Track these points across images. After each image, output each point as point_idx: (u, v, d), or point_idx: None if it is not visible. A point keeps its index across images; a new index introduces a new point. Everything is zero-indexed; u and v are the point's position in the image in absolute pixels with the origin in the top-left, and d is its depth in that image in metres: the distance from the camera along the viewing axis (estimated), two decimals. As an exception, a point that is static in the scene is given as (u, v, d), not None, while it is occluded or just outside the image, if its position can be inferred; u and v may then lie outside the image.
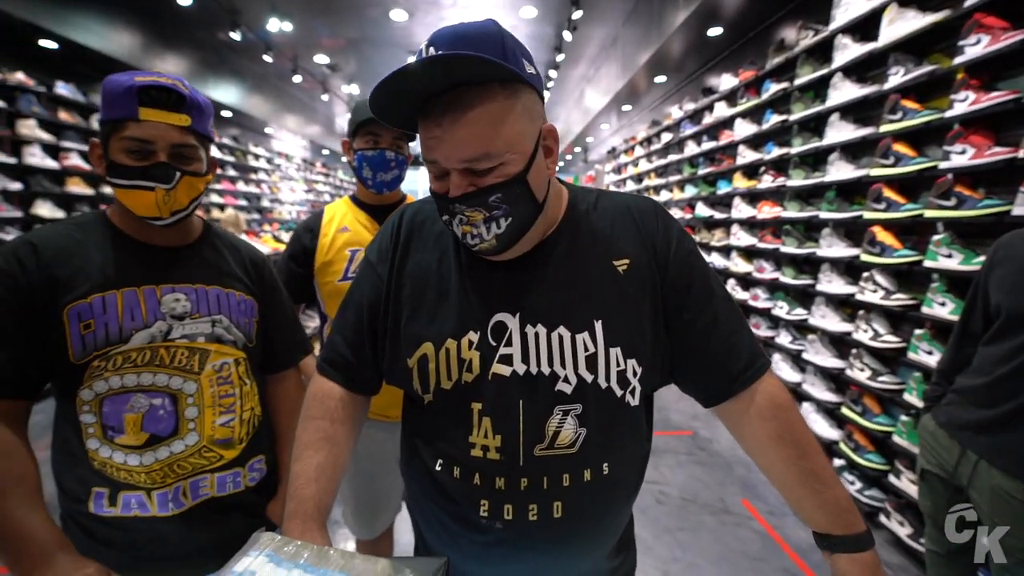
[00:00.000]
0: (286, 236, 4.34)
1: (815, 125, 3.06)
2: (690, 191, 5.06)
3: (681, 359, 0.77)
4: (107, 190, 5.17)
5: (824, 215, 2.87)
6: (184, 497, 0.93)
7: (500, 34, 0.65)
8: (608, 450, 0.73)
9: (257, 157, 9.05)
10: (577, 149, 12.87)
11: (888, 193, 2.40)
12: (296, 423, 0.83)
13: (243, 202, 8.44)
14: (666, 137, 5.87)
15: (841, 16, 2.70)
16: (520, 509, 0.70)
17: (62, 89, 4.76)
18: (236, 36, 5.80)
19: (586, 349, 0.71)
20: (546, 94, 8.92)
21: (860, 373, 2.60)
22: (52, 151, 4.60)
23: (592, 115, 8.47)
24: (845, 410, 2.69)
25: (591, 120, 8.76)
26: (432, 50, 0.62)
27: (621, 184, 8.00)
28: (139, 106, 0.86)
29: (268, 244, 3.59)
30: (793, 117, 3.18)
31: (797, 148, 3.14)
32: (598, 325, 0.72)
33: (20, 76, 4.30)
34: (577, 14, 5.11)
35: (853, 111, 2.73)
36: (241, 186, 8.42)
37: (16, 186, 4.21)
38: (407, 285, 0.77)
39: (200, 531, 0.93)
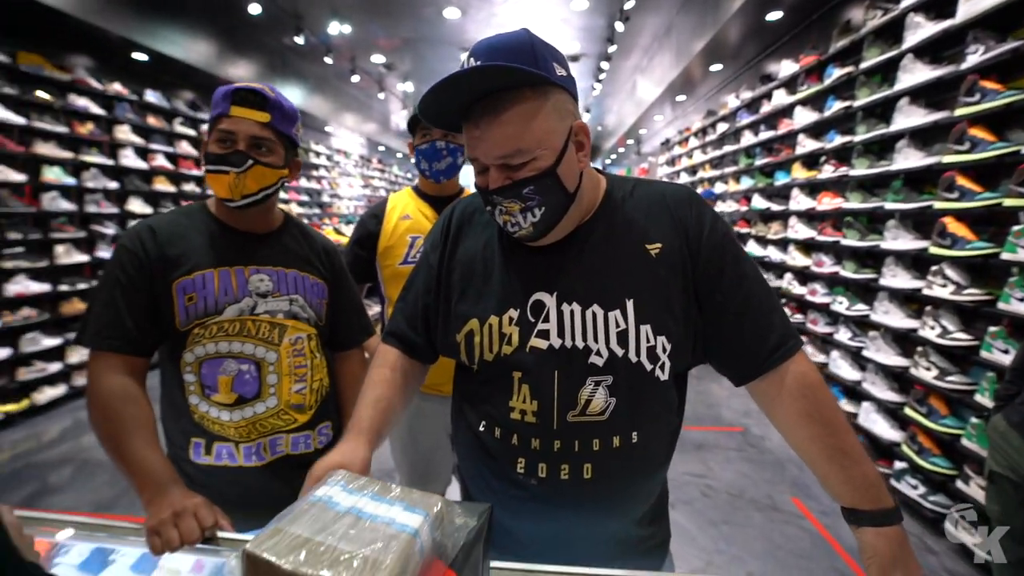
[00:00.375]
0: (346, 229, 4.58)
1: (882, 111, 2.90)
2: (746, 183, 4.89)
3: (714, 339, 0.81)
4: (187, 187, 5.64)
5: (890, 206, 2.72)
6: (265, 452, 1.07)
7: (531, 42, 0.72)
8: (637, 420, 0.78)
9: (318, 155, 9.52)
10: (630, 141, 12.64)
11: (962, 181, 2.26)
12: (350, 402, 0.94)
13: (305, 198, 8.92)
14: (722, 127, 5.69)
15: (912, -7, 2.55)
16: (553, 468, 0.77)
17: (151, 96, 5.23)
18: (300, 40, 6.14)
19: (617, 325, 0.76)
20: (597, 86, 8.84)
21: (926, 372, 2.47)
22: (142, 153, 5.07)
23: (645, 106, 8.31)
24: (908, 411, 2.55)
25: (644, 112, 8.59)
26: (472, 61, 0.70)
27: (675, 176, 7.82)
28: (231, 104, 1.01)
29: (329, 236, 3.84)
30: (857, 103, 3.03)
31: (861, 136, 2.99)
32: (629, 304, 0.77)
33: (117, 86, 4.77)
34: (629, 4, 5.04)
35: (924, 94, 2.57)
36: (303, 183, 8.89)
37: (113, 185, 4.68)
38: (457, 270, 0.86)
39: (277, 483, 1.06)
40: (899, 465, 2.62)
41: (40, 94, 4.04)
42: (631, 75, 8.74)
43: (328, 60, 6.96)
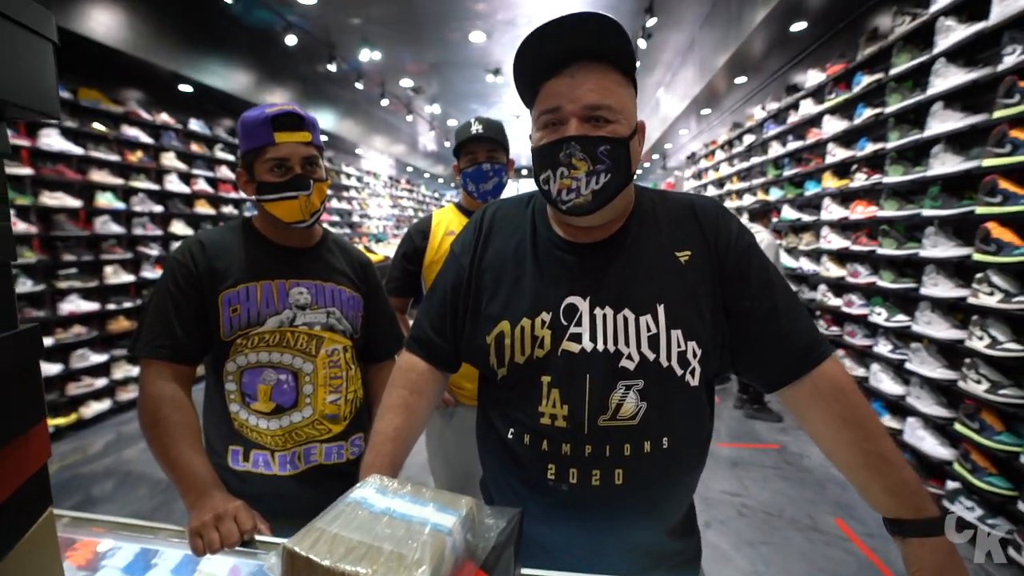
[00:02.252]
0: (375, 247, 4.69)
1: (914, 116, 2.83)
2: (775, 194, 4.81)
3: (743, 345, 0.80)
4: (225, 209, 5.89)
5: (927, 212, 2.63)
6: (299, 461, 1.10)
7: (620, 26, 0.75)
8: (668, 425, 0.77)
9: (348, 176, 9.82)
10: (655, 156, 12.60)
11: (1005, 184, 2.17)
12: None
13: (336, 218, 9.19)
14: (748, 139, 5.63)
15: (942, -3, 2.50)
16: (584, 474, 0.76)
17: (194, 125, 5.52)
18: (332, 67, 6.40)
19: (649, 330, 0.77)
20: (621, 103, 8.88)
21: (976, 385, 2.35)
22: (184, 178, 5.34)
23: (670, 121, 8.29)
24: (959, 426, 2.43)
25: (669, 126, 8.57)
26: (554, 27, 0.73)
27: (702, 190, 7.74)
28: (274, 131, 1.04)
29: (359, 254, 3.96)
30: (889, 109, 2.96)
31: (894, 142, 2.92)
32: (660, 308, 0.77)
33: (164, 116, 5.06)
34: (651, 21, 5.08)
35: (959, 98, 2.50)
36: (334, 203, 9.17)
37: (158, 208, 4.93)
38: (487, 272, 0.87)
39: (309, 491, 1.09)
40: (952, 485, 2.48)
41: (96, 126, 4.32)
42: (654, 91, 8.76)
43: (359, 85, 7.23)
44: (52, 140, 3.90)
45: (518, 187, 16.65)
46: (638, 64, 6.62)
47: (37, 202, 3.80)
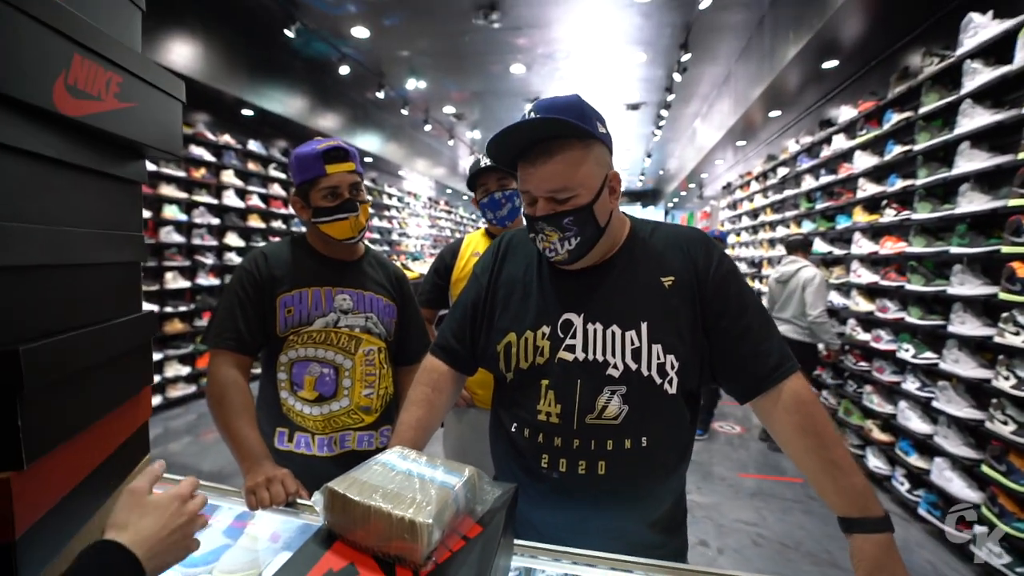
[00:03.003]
0: (412, 264, 4.94)
1: (943, 154, 2.85)
2: (807, 226, 4.80)
3: (720, 360, 0.92)
4: (275, 224, 6.30)
5: (955, 250, 2.63)
6: (335, 445, 1.27)
7: (580, 104, 0.89)
8: (646, 426, 0.89)
9: (390, 196, 10.27)
10: (691, 185, 12.61)
11: (1030, 225, 2.18)
12: None
13: (376, 236, 9.60)
14: (782, 171, 5.65)
15: (969, 41, 2.55)
16: (572, 464, 0.89)
17: (252, 145, 5.99)
18: (380, 95, 6.83)
19: (632, 343, 0.89)
20: (658, 132, 9.03)
21: (1003, 426, 2.31)
22: (240, 193, 5.78)
23: (705, 151, 8.36)
24: (986, 468, 2.38)
25: (704, 156, 8.64)
26: (532, 114, 0.88)
27: (736, 220, 7.73)
28: (325, 164, 1.23)
29: (396, 270, 4.20)
30: (918, 147, 2.99)
31: (923, 179, 2.94)
32: (644, 325, 0.90)
33: (226, 137, 5.54)
34: (686, 57, 5.24)
35: (987, 138, 2.52)
36: (375, 222, 9.59)
37: (215, 221, 5.36)
38: (501, 289, 1.02)
39: (340, 472, 1.24)
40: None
41: (167, 145, 4.78)
42: (691, 121, 8.87)
43: (404, 111, 7.66)
44: (131, 157, 4.35)
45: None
46: (672, 97, 6.75)
47: (114, 212, 4.23)
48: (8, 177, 0.58)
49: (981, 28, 2.48)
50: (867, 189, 3.62)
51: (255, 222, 5.94)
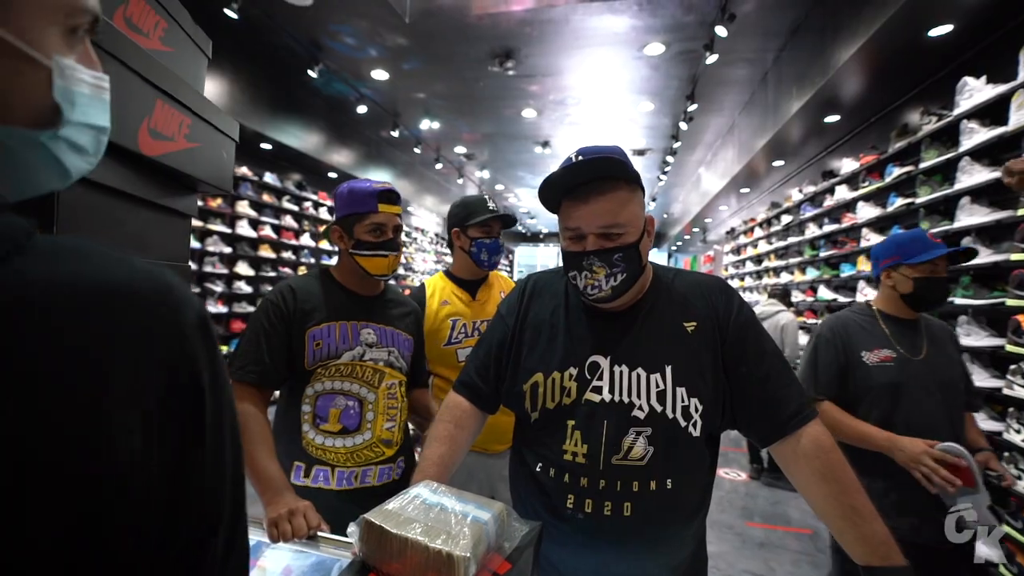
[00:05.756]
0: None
1: (944, 208, 2.93)
2: (812, 273, 4.86)
3: (740, 406, 0.94)
4: (285, 254, 6.39)
5: (960, 301, 2.67)
6: (355, 480, 1.27)
7: (623, 152, 0.94)
8: (671, 468, 0.90)
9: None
10: (695, 229, 12.79)
11: (1033, 280, 2.23)
12: (430, 418, 1.19)
13: (383, 269, 9.70)
14: (786, 219, 5.76)
15: (965, 103, 2.67)
16: (598, 504, 0.90)
17: (268, 178, 6.15)
18: (395, 133, 7.06)
19: (657, 386, 0.92)
20: (663, 177, 9.24)
21: (1018, 481, 2.28)
22: (253, 224, 5.90)
23: (710, 197, 8.54)
24: (1007, 528, 2.33)
25: (709, 201, 8.81)
26: (580, 158, 0.91)
27: (740, 265, 7.81)
28: (378, 203, 1.30)
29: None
30: (919, 200, 3.08)
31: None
32: (668, 368, 0.93)
33: (244, 169, 5.70)
34: (692, 107, 5.44)
35: (986, 194, 2.60)
36: (383, 255, 9.71)
37: (227, 250, 5.44)
38: (528, 330, 1.05)
39: (362, 508, 1.24)
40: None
41: (187, 175, 4.92)
42: (696, 168, 9.10)
43: (417, 150, 7.89)
44: (151, 186, 4.47)
45: (535, 251, 20.05)
46: (678, 144, 6.96)
47: (130, 238, 4.31)
48: (86, 209, 0.63)
49: (976, 91, 2.61)
50: (870, 239, 3.70)
51: (266, 252, 6.03)
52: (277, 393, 1.35)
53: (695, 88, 5.27)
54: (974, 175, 2.60)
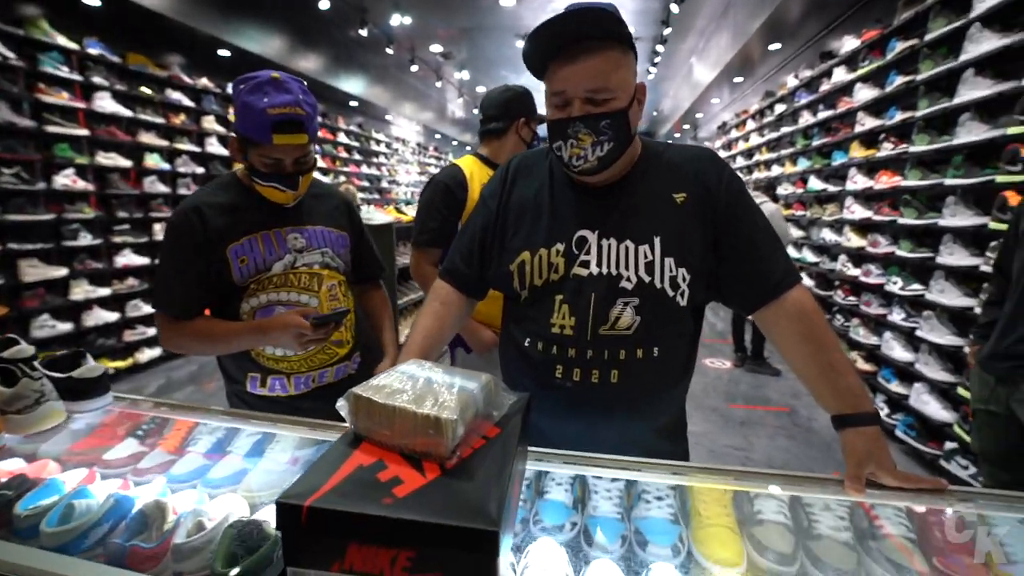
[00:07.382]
0: (405, 208, 4.87)
1: (946, 84, 2.80)
2: (803, 164, 4.77)
3: (728, 274, 0.94)
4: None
5: (949, 182, 2.65)
6: (313, 382, 1.27)
7: (618, 12, 0.85)
8: (657, 337, 0.92)
9: (378, 142, 9.97)
10: (686, 126, 12.36)
11: (1026, 153, 2.19)
12: (384, 322, 1.34)
13: (365, 183, 9.40)
14: (780, 108, 5.54)
15: (980, -39, 2.45)
16: (585, 373, 0.93)
17: (232, 89, 5.73)
18: (363, 32, 6.50)
19: (646, 257, 0.91)
20: (653, 70, 8.73)
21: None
22: (223, 140, 5.58)
23: (701, 89, 8.14)
24: (962, 390, 2.51)
25: (700, 94, 8.42)
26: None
27: (731, 161, 7.64)
28: (272, 134, 1.09)
29: (391, 214, 4.15)
30: (920, 77, 2.94)
31: (923, 111, 2.90)
32: (656, 240, 0.91)
33: (204, 81, 5.28)
34: (684, -16, 5.00)
35: (991, 65, 2.48)
36: (364, 169, 9.36)
37: (200, 170, 5.20)
38: (512, 211, 1.02)
39: (323, 404, 1.26)
40: (949, 446, 2.58)
41: (144, 89, 4.56)
42: (687, 57, 8.56)
43: (389, 51, 7.31)
44: (105, 102, 4.15)
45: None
46: (669, 31, 6.49)
47: (93, 161, 4.09)
48: None
49: (994, -54, 2.38)
50: (865, 123, 3.58)
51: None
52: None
53: (688, -38, 4.80)
54: (982, 44, 2.45)
